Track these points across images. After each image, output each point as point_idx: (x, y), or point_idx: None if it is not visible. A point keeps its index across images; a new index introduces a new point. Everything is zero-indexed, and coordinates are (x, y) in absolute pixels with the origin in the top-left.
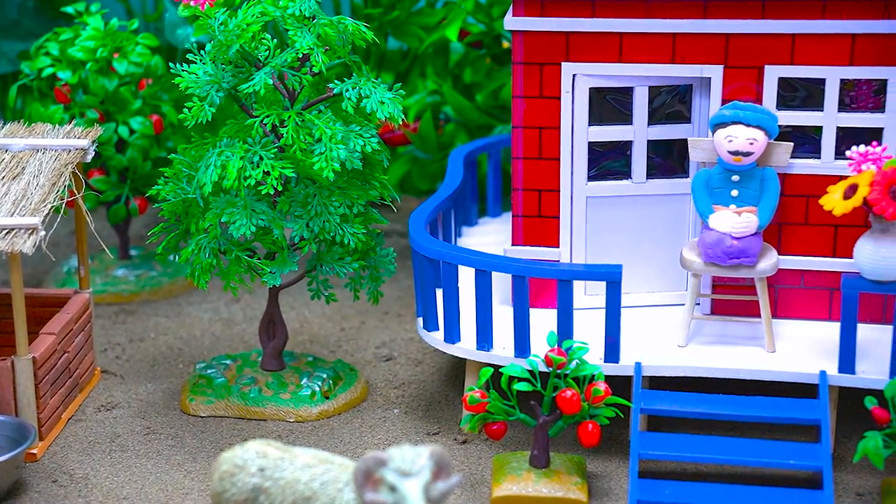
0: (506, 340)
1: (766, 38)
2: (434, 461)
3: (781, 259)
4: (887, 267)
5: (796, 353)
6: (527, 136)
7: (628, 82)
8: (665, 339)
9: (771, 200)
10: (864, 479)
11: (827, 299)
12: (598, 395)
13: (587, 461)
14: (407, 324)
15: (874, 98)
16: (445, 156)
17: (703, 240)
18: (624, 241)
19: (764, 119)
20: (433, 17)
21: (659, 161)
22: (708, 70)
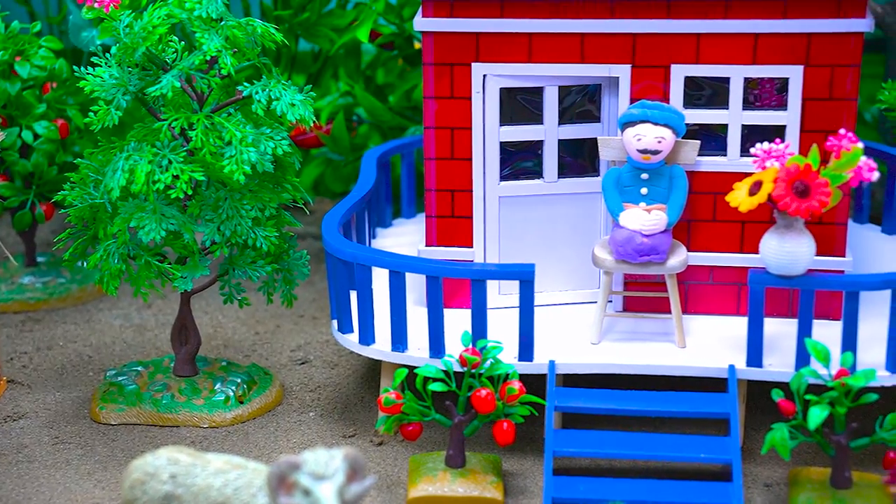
0: (421, 341)
1: (671, 37)
2: (348, 463)
3: (691, 255)
4: (792, 262)
5: (706, 348)
6: (439, 137)
7: (538, 82)
8: (578, 336)
9: (679, 198)
10: (773, 470)
11: (735, 294)
12: (513, 393)
13: (503, 460)
14: (322, 326)
15: (777, 96)
16: (359, 157)
17: (613, 238)
18: (537, 240)
19: (671, 117)
20: (344, 18)
21: (570, 160)
22: (616, 69)
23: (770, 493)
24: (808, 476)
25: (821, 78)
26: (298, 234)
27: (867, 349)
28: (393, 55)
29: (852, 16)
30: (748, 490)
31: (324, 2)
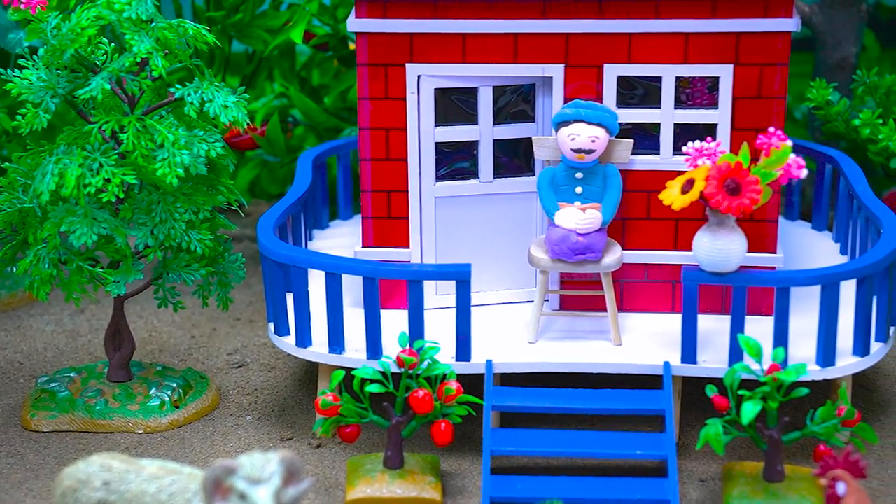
0: (358, 343)
1: (604, 37)
2: (284, 467)
3: (625, 254)
4: (724, 259)
5: (641, 346)
6: (374, 138)
7: (472, 82)
8: (515, 336)
9: (614, 196)
10: (707, 465)
11: (670, 292)
12: (450, 393)
13: (441, 460)
14: (259, 329)
15: (708, 95)
16: (294, 159)
17: (549, 237)
18: (473, 240)
19: (605, 117)
20: (278, 19)
21: (505, 160)
22: (549, 69)
23: (705, 487)
24: (741, 470)
25: (750, 77)
26: (234, 237)
27: (798, 344)
28: (328, 56)
29: (779, 15)
30: (683, 485)
31: (257, 3)
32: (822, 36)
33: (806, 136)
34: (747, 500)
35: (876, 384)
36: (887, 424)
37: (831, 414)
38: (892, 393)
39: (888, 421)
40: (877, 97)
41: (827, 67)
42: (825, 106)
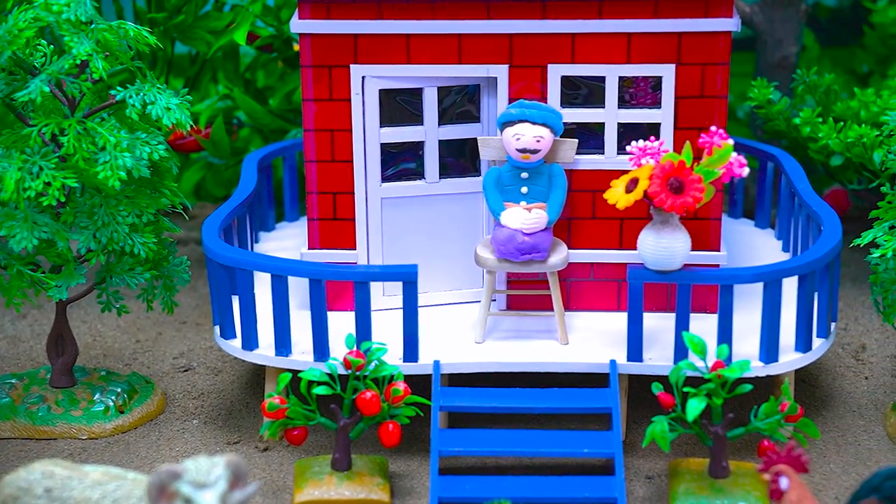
0: (305, 345)
1: (547, 37)
2: (230, 471)
3: (571, 253)
4: (668, 257)
5: (588, 344)
6: (319, 139)
7: (417, 83)
8: (463, 336)
9: (559, 196)
10: (654, 463)
11: (616, 290)
12: (398, 394)
13: (389, 461)
14: (205, 333)
15: (651, 94)
16: (240, 161)
17: (495, 237)
18: (420, 240)
19: (549, 117)
20: (221, 20)
21: (451, 161)
22: (494, 70)
23: (652, 484)
24: (687, 467)
25: (692, 76)
26: (180, 240)
27: (742, 341)
28: (272, 57)
29: (720, 15)
30: (630, 483)
31: (200, 4)
32: (762, 36)
33: (748, 135)
34: (693, 497)
35: (818, 379)
36: (829, 419)
37: (774, 410)
38: (833, 388)
39: (829, 416)
40: (816, 96)
41: (768, 67)
42: (766, 105)
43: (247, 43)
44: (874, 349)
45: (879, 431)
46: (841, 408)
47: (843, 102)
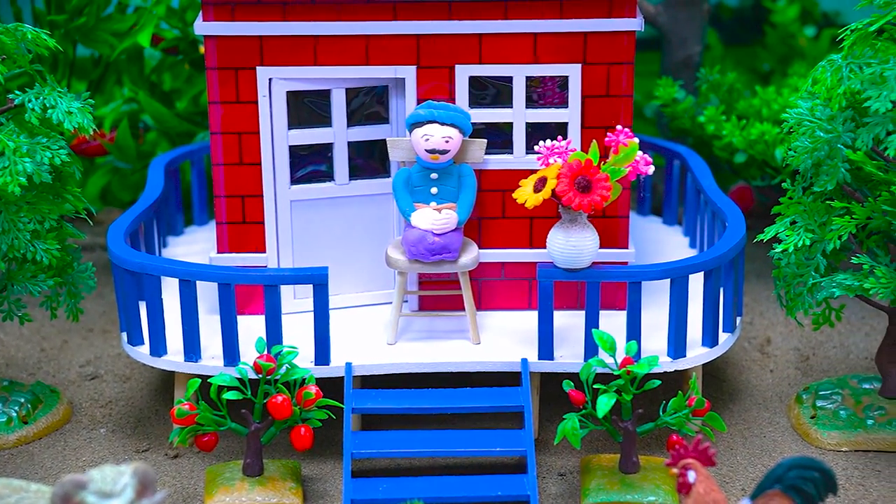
0: (215, 350)
1: (454, 38)
2: (137, 479)
3: (482, 252)
4: (577, 255)
5: (500, 343)
6: (226, 142)
7: (325, 85)
8: (375, 337)
9: (469, 196)
10: (566, 460)
11: (527, 289)
12: (310, 398)
13: (302, 465)
14: (113, 340)
15: (559, 94)
16: (146, 165)
17: (406, 238)
18: (330, 243)
19: (458, 117)
20: (124, 22)
21: (361, 162)
22: (402, 71)
23: (564, 481)
24: (598, 463)
25: (598, 76)
26: (85, 246)
27: (651, 337)
28: (178, 60)
29: (624, 15)
30: (543, 480)
31: (102, 6)
32: (667, 35)
33: (656, 133)
34: (604, 492)
35: (725, 373)
36: (736, 412)
37: (682, 404)
38: (740, 381)
39: (736, 409)
40: (720, 94)
41: (673, 66)
42: (672, 103)
43: (151, 45)
44: (778, 342)
45: (784, 423)
46: (747, 401)
47: (745, 100)
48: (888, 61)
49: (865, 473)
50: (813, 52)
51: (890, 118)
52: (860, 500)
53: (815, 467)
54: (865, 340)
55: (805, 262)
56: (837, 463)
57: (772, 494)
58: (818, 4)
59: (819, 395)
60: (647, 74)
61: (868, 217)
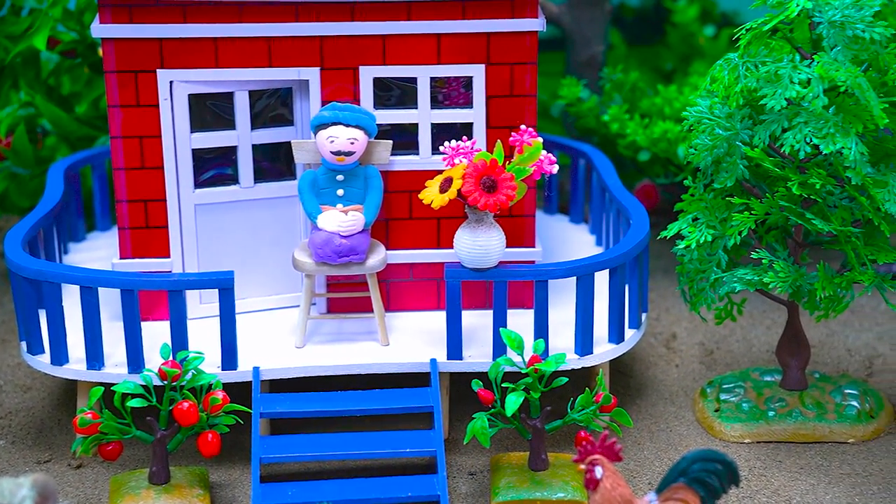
0: (119, 357)
1: (358, 39)
2: (37, 491)
3: (390, 254)
4: (484, 255)
5: (409, 344)
6: (127, 147)
7: (227, 87)
8: (283, 341)
9: (375, 198)
10: (476, 459)
11: (435, 290)
12: (216, 403)
13: (210, 471)
14: (13, 349)
15: (464, 94)
16: (45, 171)
17: (312, 240)
18: (236, 246)
19: (362, 119)
20: (19, 25)
21: (266, 165)
22: (305, 73)
23: (474, 480)
24: (508, 461)
25: (502, 76)
26: None
27: (559, 335)
28: (77, 63)
29: (526, 16)
30: (453, 480)
31: None
32: (571, 35)
33: (562, 133)
34: (513, 490)
35: (632, 369)
36: (642, 407)
37: (590, 401)
38: (647, 377)
39: (643, 404)
40: (623, 93)
41: (577, 65)
42: (576, 103)
43: (47, 48)
44: (684, 337)
45: (689, 417)
46: (654, 395)
47: (648, 99)
48: (782, 60)
49: (767, 464)
50: (712, 51)
51: (785, 115)
52: (762, 490)
53: (718, 460)
54: (767, 333)
55: (707, 257)
56: (740, 454)
57: (676, 488)
58: (717, 4)
59: (722, 389)
60: (552, 74)
61: (766, 213)
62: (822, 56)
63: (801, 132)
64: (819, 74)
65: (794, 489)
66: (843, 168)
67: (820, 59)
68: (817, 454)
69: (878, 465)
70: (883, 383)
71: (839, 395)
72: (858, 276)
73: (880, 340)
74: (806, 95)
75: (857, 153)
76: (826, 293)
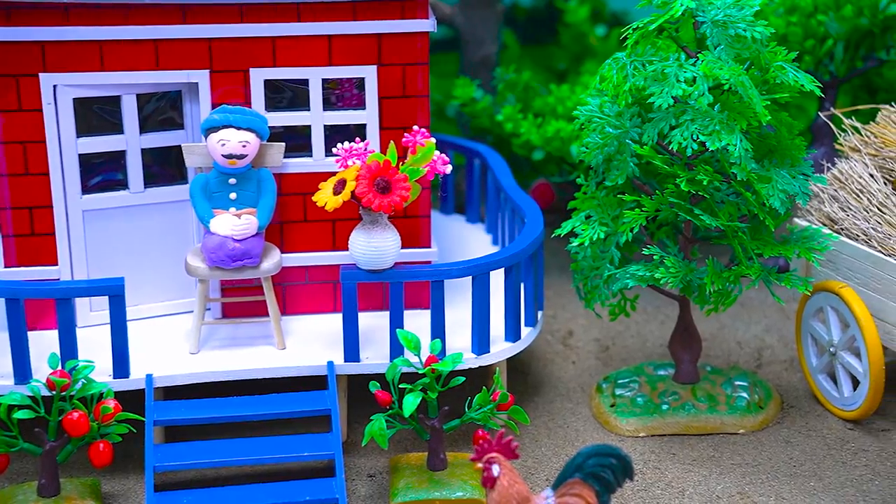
0: (5, 368)
1: (248, 41)
2: None
3: (285, 257)
4: (379, 256)
5: (306, 348)
6: (9, 152)
7: (114, 91)
8: (177, 347)
9: (269, 201)
10: (375, 460)
11: (332, 292)
12: (108, 412)
13: (103, 482)
14: None
15: (357, 95)
16: None
17: (205, 245)
18: (127, 252)
19: (254, 121)
20: None
21: (157, 169)
22: (194, 75)
23: (373, 482)
24: (407, 462)
25: (394, 77)
26: None
27: (456, 334)
28: None
29: (416, 17)
30: (353, 482)
31: None
32: (464, 36)
33: (457, 133)
34: (412, 491)
35: (529, 367)
36: (540, 404)
37: (487, 399)
38: (544, 374)
39: (541, 401)
40: (517, 93)
41: (471, 66)
42: (470, 103)
43: None
44: (580, 334)
45: (586, 413)
46: (551, 392)
47: (541, 99)
48: (668, 59)
49: (661, 457)
50: (603, 51)
51: (672, 113)
52: (656, 482)
53: (613, 454)
54: (661, 328)
55: (600, 254)
56: (635, 448)
57: (572, 483)
58: (607, 4)
59: (618, 384)
60: (446, 75)
61: (657, 209)
62: (706, 55)
63: (688, 129)
64: (704, 73)
65: (687, 480)
66: (729, 164)
67: (704, 58)
68: (709, 445)
69: (767, 454)
70: (771, 374)
71: (730, 387)
72: (745, 269)
73: (768, 332)
74: (692, 94)
75: (742, 150)
76: (715, 287)
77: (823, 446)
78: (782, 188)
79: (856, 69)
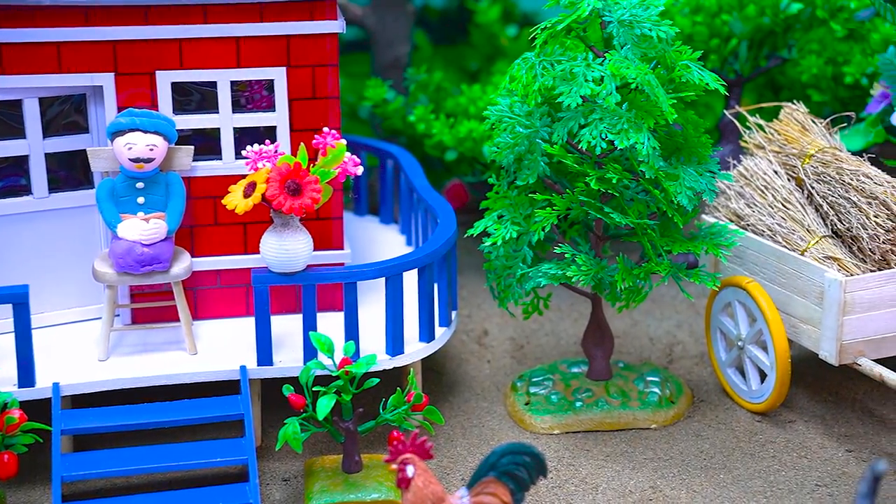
0: None
1: (153, 43)
2: None
3: (196, 261)
4: (291, 258)
5: (218, 352)
6: None
7: (15, 94)
8: (86, 355)
9: (178, 204)
10: (290, 464)
11: (244, 296)
12: (13, 423)
13: (8, 494)
14: None
15: (267, 97)
16: None
17: (113, 250)
18: (31, 259)
19: (161, 124)
20: None
21: (63, 174)
22: (99, 78)
23: (288, 486)
24: (321, 465)
25: (303, 78)
26: None
27: (370, 336)
28: None
29: (325, 18)
30: (267, 486)
31: None
32: (375, 36)
33: (370, 134)
34: (327, 494)
35: (444, 367)
36: (455, 404)
37: (402, 400)
38: (459, 374)
39: (456, 401)
40: (428, 93)
41: (382, 67)
42: (382, 104)
43: None
44: (495, 333)
45: (501, 411)
46: (466, 392)
47: (453, 99)
48: (576, 58)
49: (575, 453)
50: (514, 51)
51: (581, 112)
52: (570, 479)
53: (526, 452)
54: (574, 326)
55: (513, 254)
56: (550, 446)
57: (487, 482)
58: (517, 5)
59: (532, 382)
60: (358, 76)
61: (568, 208)
62: (613, 54)
63: (597, 128)
64: (611, 72)
65: (601, 476)
66: (638, 163)
67: (611, 58)
68: (622, 441)
69: (678, 448)
70: (682, 370)
71: (642, 382)
72: (655, 266)
73: (679, 328)
74: (600, 93)
75: (650, 148)
76: (626, 284)
77: (733, 439)
78: (690, 185)
79: (760, 68)
